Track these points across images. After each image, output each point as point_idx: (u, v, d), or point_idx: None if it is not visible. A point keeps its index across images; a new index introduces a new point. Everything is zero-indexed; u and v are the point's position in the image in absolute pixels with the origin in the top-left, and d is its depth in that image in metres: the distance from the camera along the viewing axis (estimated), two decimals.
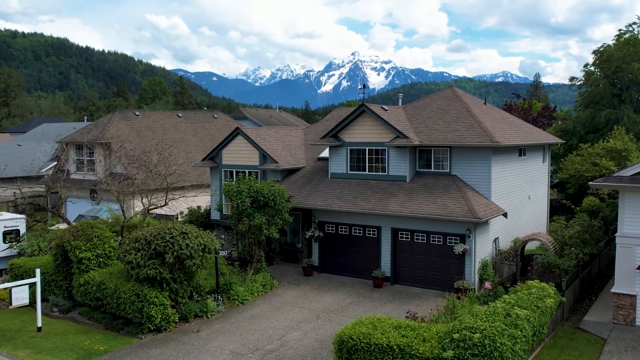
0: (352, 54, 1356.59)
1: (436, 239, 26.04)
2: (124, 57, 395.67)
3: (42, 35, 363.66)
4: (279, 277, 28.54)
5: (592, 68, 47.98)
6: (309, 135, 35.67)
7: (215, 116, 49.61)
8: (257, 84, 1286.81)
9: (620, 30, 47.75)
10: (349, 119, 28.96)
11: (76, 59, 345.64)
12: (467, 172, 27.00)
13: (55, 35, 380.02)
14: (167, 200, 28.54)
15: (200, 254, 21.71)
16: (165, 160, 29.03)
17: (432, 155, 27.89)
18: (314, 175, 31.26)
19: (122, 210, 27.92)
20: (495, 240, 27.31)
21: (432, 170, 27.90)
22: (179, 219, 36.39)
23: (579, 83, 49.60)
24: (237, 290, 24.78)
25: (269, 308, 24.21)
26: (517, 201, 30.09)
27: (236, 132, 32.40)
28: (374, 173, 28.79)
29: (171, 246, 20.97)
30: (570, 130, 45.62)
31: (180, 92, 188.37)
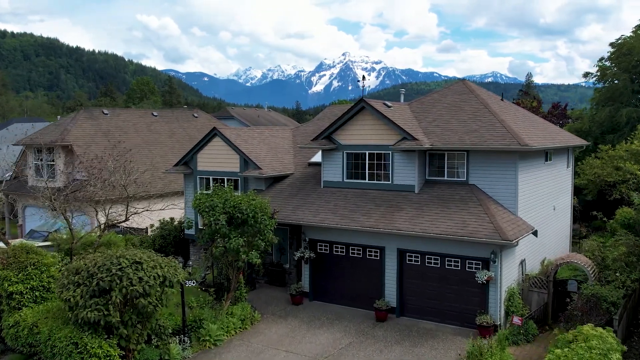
0: (343, 54, 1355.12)
1: (453, 263, 21.34)
2: (114, 57, 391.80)
3: (31, 35, 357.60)
4: (262, 306, 23.77)
5: (608, 63, 43.63)
6: (299, 137, 30.97)
7: (195, 115, 44.74)
8: (248, 84, 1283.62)
9: None
10: (346, 118, 24.24)
11: (66, 59, 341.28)
12: (488, 181, 22.37)
13: (45, 35, 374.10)
14: (127, 215, 23.76)
15: (159, 289, 16.91)
16: (124, 168, 24.17)
17: (446, 161, 23.21)
18: (304, 183, 26.54)
19: (70, 228, 23.02)
20: (522, 263, 22.72)
21: (446, 178, 23.22)
22: (149, 233, 31.64)
23: (593, 79, 45.27)
24: (209, 329, 20.00)
25: (247, 353, 19.41)
26: (543, 214, 25.51)
27: (213, 133, 27.60)
28: (375, 182, 24.06)
29: (119, 281, 16.18)
30: (586, 131, 41.14)
31: (169, 92, 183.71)
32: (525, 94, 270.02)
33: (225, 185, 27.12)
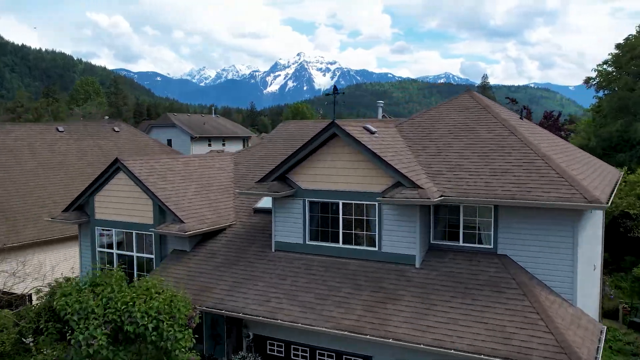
0: (298, 54, 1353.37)
1: None
2: (62, 56, 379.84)
3: None
4: None
5: (610, 68, 36.72)
6: (242, 166, 22.66)
7: (117, 129, 35.81)
8: (202, 84, 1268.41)
9: None
10: (309, 149, 16.12)
11: (11, 57, 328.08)
12: (529, 250, 14.40)
13: None
14: None
15: None
16: None
17: (462, 218, 15.27)
18: (248, 241, 18.15)
19: None
20: None
21: (461, 244, 15.21)
22: (35, 302, 22.98)
23: (593, 85, 38.31)
24: None
25: None
26: (588, 282, 18.00)
27: (116, 167, 19.11)
28: (354, 247, 15.88)
29: None
30: (591, 148, 34.11)
31: (114, 93, 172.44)
32: (482, 94, 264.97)
33: (134, 241, 18.73)
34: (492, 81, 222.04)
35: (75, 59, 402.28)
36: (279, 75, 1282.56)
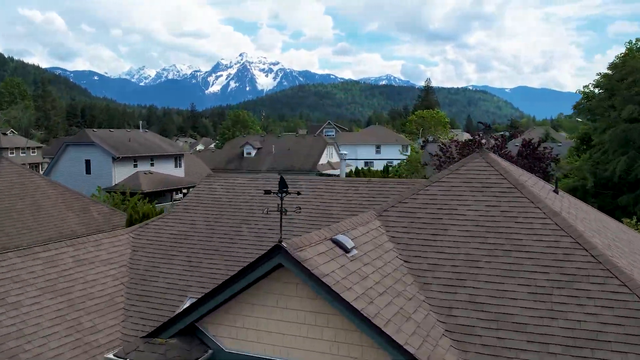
0: (240, 54, 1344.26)
1: None
2: None
3: None
4: None
5: (599, 90, 31.07)
6: (143, 260, 15.30)
7: None
8: (141, 84, 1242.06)
9: None
10: (239, 285, 9.27)
11: None
12: None
13: None
14: None
15: None
16: None
17: None
18: None
19: None
20: None
21: None
22: None
23: (581, 108, 32.63)
24: None
25: None
26: None
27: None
28: None
29: None
30: (589, 191, 28.30)
31: (42, 96, 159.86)
32: (425, 98, 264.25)
33: None
34: (432, 83, 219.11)
35: (6, 56, 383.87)
36: (221, 75, 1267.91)
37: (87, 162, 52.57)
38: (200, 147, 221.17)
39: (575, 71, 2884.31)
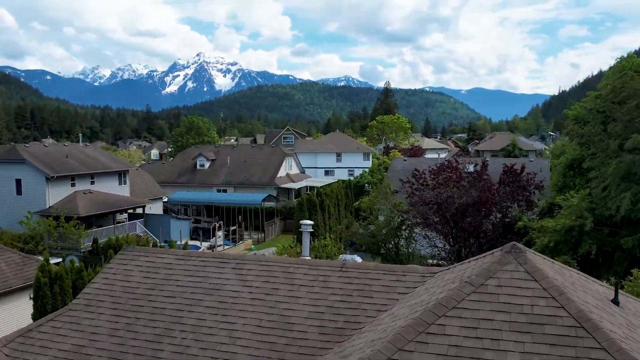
0: (197, 54, 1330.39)
1: None
2: None
3: None
4: None
5: (590, 112, 27.60)
6: None
7: None
8: (96, 84, 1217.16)
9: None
10: None
11: None
12: None
13: None
14: None
15: None
16: None
17: None
18: None
19: None
20: None
21: None
22: None
23: (568, 132, 29.21)
24: None
25: None
26: None
27: None
28: None
29: None
30: (588, 234, 24.65)
31: None
32: (385, 101, 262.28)
33: None
34: (390, 85, 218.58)
35: None
36: (178, 75, 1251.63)
37: (18, 182, 47.13)
38: (154, 151, 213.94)
39: (529, 73, 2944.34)
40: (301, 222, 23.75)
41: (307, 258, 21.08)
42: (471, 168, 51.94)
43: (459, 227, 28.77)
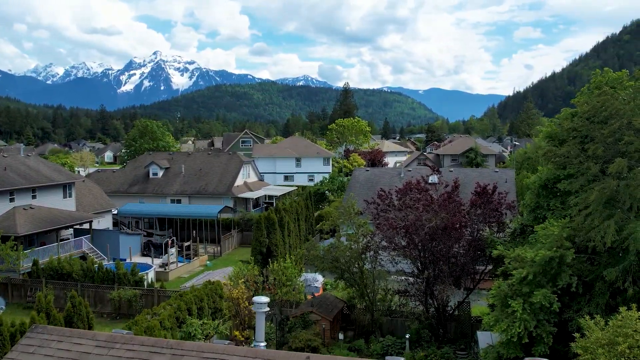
0: (154, 53, 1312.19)
1: None
2: None
3: None
4: None
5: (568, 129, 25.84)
6: None
7: None
8: (49, 82, 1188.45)
9: None
10: None
11: None
12: None
13: None
14: None
15: None
16: None
17: None
18: None
19: None
20: None
21: None
22: None
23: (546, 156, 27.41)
24: None
25: None
26: None
27: None
28: None
29: None
30: (562, 259, 22.78)
31: None
32: (344, 102, 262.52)
33: None
34: (349, 85, 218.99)
35: None
36: (134, 74, 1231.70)
37: None
38: (109, 153, 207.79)
39: (484, 74, 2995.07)
40: (254, 299, 18.68)
41: (262, 346, 17.93)
42: (435, 179, 50.26)
43: (427, 252, 26.84)
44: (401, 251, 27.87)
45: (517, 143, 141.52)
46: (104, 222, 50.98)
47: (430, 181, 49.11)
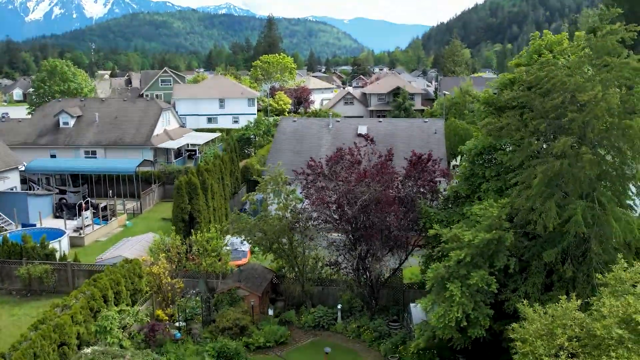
0: None
1: None
2: None
3: None
4: None
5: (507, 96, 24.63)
6: None
7: None
8: None
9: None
10: None
11: None
12: None
13: None
14: None
15: None
16: None
17: None
18: None
19: None
20: None
21: None
22: None
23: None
24: None
25: None
26: None
27: None
28: None
29: None
30: (501, 241, 21.89)
31: None
32: (268, 34, 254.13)
33: None
34: (273, 14, 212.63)
35: None
36: (43, 0, 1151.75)
37: None
38: (17, 90, 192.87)
39: (410, 3, 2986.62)
40: None
41: None
42: (364, 130, 48.62)
43: (360, 225, 25.50)
44: (332, 224, 26.47)
45: (441, 77, 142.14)
46: (9, 182, 46.91)
47: (359, 132, 47.73)
